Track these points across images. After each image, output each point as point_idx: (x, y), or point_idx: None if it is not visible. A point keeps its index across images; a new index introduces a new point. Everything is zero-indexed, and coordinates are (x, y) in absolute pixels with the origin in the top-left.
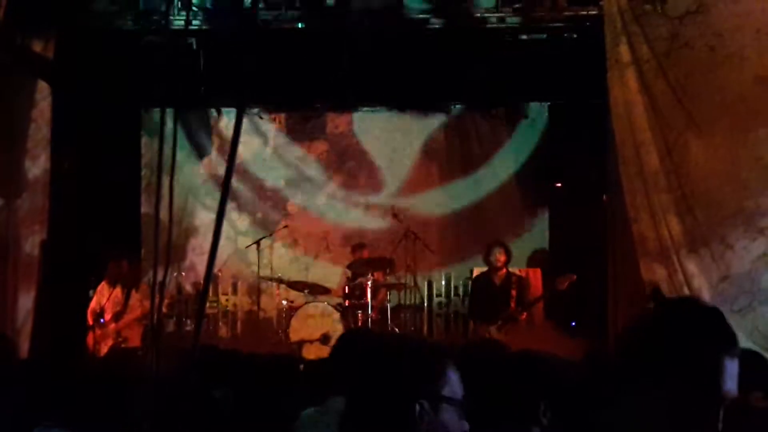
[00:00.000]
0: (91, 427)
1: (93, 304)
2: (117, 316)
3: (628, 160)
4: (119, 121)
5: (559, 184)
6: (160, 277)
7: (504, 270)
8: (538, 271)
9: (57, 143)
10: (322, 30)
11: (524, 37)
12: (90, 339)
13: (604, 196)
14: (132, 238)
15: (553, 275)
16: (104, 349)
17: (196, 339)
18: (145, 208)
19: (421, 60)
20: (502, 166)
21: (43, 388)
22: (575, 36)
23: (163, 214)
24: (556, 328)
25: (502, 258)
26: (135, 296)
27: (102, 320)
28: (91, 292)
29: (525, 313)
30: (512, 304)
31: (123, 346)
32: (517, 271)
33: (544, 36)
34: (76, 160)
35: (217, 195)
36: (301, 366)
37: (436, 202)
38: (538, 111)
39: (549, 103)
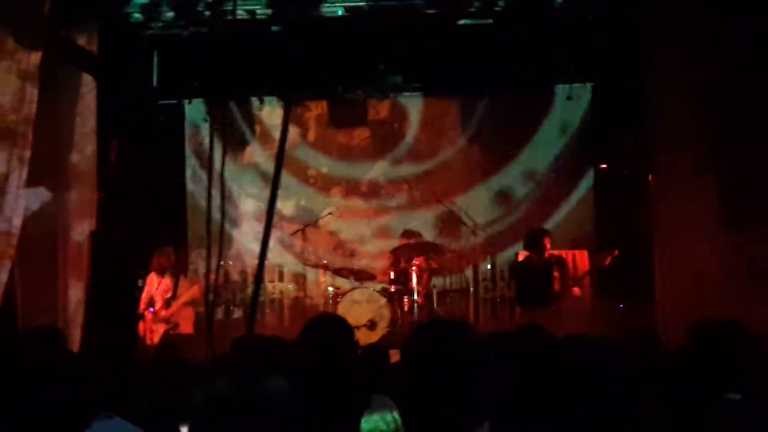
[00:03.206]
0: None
1: (144, 293)
2: (167, 304)
3: (672, 139)
4: (163, 112)
5: (603, 165)
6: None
7: (547, 253)
8: (585, 252)
9: (102, 135)
10: (362, 16)
11: (566, 16)
12: (142, 328)
13: (650, 176)
14: (178, 227)
15: (595, 255)
16: (156, 337)
17: (250, 327)
18: (190, 197)
19: (462, 43)
20: (545, 148)
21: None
22: (618, 14)
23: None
24: (603, 310)
25: (547, 245)
26: (182, 283)
27: (152, 309)
28: (140, 281)
29: (570, 294)
30: (556, 286)
31: (174, 332)
32: (560, 253)
33: (588, 15)
34: (122, 151)
35: (260, 182)
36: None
37: (480, 186)
38: (582, 91)
39: (593, 84)
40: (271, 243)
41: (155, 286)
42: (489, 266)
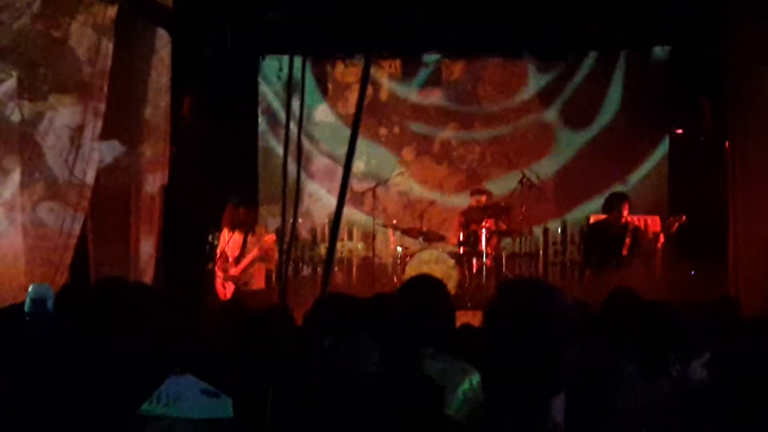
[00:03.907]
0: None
1: (217, 250)
2: (237, 260)
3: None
4: (237, 68)
5: (679, 131)
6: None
7: (624, 219)
8: (657, 218)
9: (177, 90)
10: None
11: None
12: (214, 283)
13: (727, 143)
14: (249, 183)
15: (665, 220)
16: (228, 293)
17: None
18: (262, 153)
19: (538, 5)
20: (621, 113)
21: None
22: None
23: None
24: (674, 275)
25: (625, 212)
26: (252, 239)
27: (223, 265)
28: (210, 236)
29: (640, 259)
30: (625, 251)
31: (245, 288)
32: (635, 219)
33: None
34: (196, 106)
35: (331, 141)
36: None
37: (553, 149)
38: (660, 55)
39: (671, 47)
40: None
41: (226, 241)
42: (559, 230)
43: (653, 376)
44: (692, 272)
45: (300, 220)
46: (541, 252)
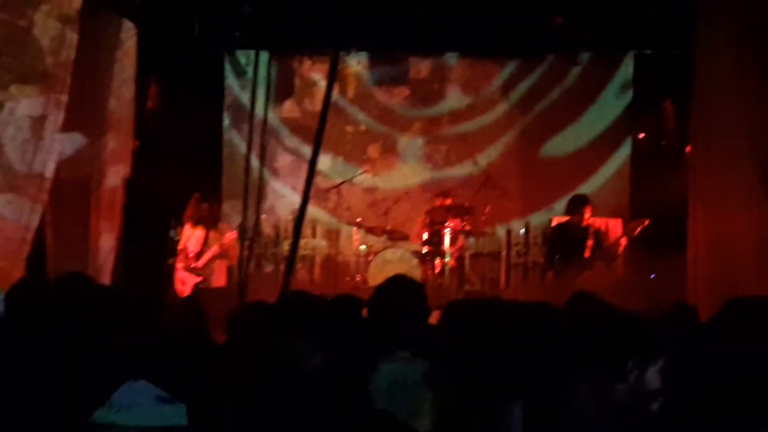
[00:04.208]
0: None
1: (177, 245)
2: (198, 256)
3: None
4: (203, 63)
5: (642, 134)
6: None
7: (586, 221)
8: (619, 220)
9: (142, 83)
10: None
11: None
12: (173, 279)
13: (688, 147)
14: (212, 179)
15: (628, 224)
16: (187, 290)
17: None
18: (227, 148)
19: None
20: (583, 115)
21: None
22: None
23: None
24: (635, 279)
25: (587, 214)
26: (215, 235)
27: (184, 260)
28: (171, 231)
29: (602, 261)
30: (587, 254)
31: (204, 286)
32: (597, 221)
33: None
34: (160, 99)
35: (296, 137)
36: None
37: (516, 150)
38: (623, 60)
39: (635, 51)
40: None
41: (187, 236)
42: (523, 231)
43: (611, 381)
44: (652, 276)
45: (264, 217)
46: (504, 252)
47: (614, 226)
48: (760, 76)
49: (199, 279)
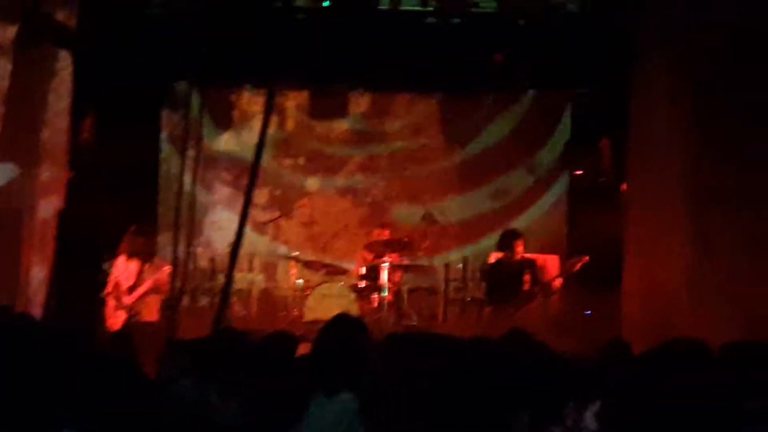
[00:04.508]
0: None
1: (110, 277)
2: (131, 290)
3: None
4: (141, 93)
5: (579, 171)
6: (179, 252)
7: (520, 255)
8: (556, 257)
9: (77, 113)
10: (347, 9)
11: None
12: (104, 313)
13: (624, 185)
14: (148, 212)
15: (566, 260)
16: (118, 324)
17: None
18: (163, 180)
19: (445, 44)
20: (521, 152)
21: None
22: (597, 23)
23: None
24: (571, 315)
25: (520, 249)
26: (149, 269)
27: (117, 294)
28: (105, 264)
29: (540, 297)
30: (526, 287)
31: (136, 320)
32: (532, 256)
33: (565, 24)
34: (96, 130)
35: (234, 170)
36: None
37: (455, 183)
38: (561, 96)
39: (572, 89)
40: (244, 232)
41: (121, 269)
42: (461, 266)
43: (547, 425)
44: (587, 312)
45: (200, 250)
46: (442, 287)
47: (551, 262)
48: (695, 118)
49: (130, 313)
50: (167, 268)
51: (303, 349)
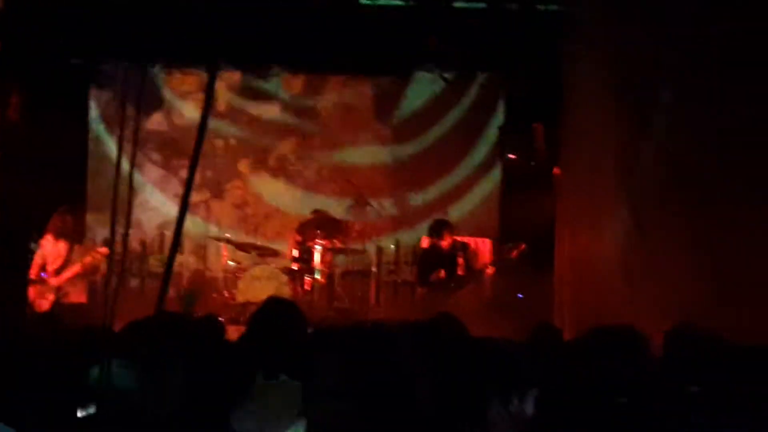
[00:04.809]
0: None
1: (36, 257)
2: (58, 271)
3: (581, 133)
4: (69, 73)
5: (512, 156)
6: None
7: (450, 239)
8: (488, 241)
9: (4, 92)
10: None
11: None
12: (31, 294)
13: (556, 169)
14: (77, 192)
15: (502, 245)
16: (45, 305)
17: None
18: (92, 160)
19: (376, 26)
20: (455, 134)
21: None
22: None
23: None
24: (503, 300)
25: (448, 237)
26: (77, 249)
27: (43, 274)
28: (33, 245)
29: (472, 281)
30: (459, 271)
31: (64, 301)
32: (464, 239)
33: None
34: (23, 109)
35: (164, 150)
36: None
37: (389, 167)
38: (495, 80)
39: (506, 72)
40: (174, 213)
41: (48, 250)
42: (393, 248)
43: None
44: (519, 296)
45: (130, 231)
46: (374, 269)
47: (483, 246)
48: (629, 101)
49: (57, 294)
50: (99, 249)
51: (236, 331)
